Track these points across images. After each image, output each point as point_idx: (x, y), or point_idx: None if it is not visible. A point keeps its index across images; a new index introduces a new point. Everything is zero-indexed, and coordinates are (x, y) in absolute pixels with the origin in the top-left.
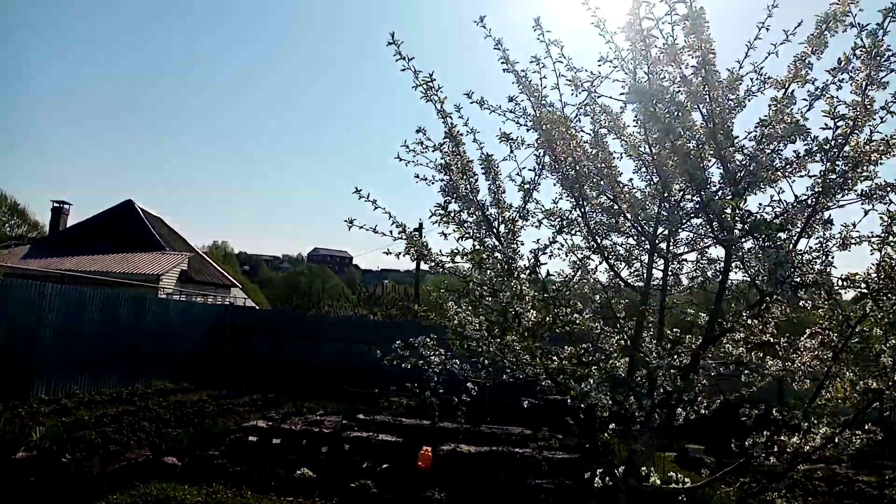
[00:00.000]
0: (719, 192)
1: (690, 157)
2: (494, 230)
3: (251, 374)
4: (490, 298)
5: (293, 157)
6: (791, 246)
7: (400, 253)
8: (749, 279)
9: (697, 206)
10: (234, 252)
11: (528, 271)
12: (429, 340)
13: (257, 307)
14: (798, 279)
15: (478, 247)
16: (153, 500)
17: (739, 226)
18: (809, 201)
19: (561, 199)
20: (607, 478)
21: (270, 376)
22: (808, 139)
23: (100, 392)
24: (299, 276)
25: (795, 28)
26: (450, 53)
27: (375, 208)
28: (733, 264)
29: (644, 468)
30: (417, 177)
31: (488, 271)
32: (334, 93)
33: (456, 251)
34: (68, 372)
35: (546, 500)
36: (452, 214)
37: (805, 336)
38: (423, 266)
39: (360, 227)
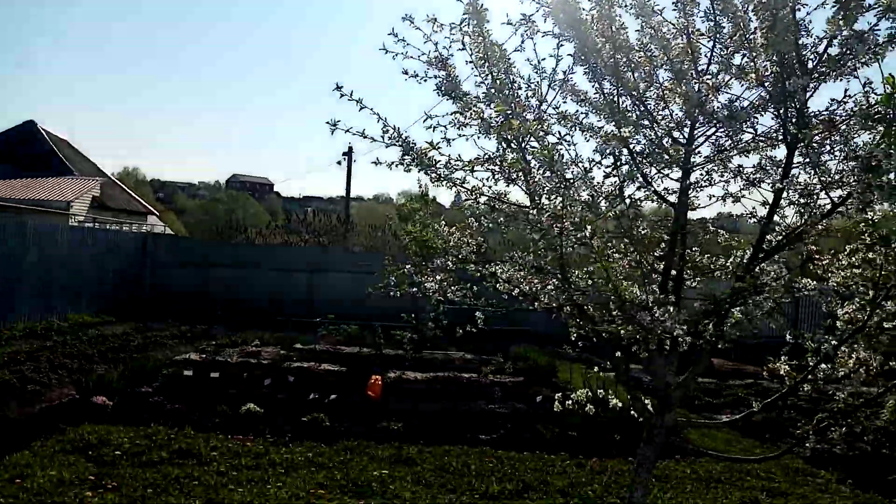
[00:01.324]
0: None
1: (789, 33)
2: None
3: (177, 305)
4: (534, 212)
5: (207, 75)
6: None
7: (394, 163)
8: (817, 182)
9: (779, 96)
10: (147, 179)
11: (589, 176)
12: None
13: (177, 235)
14: None
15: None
16: (86, 444)
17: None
18: None
19: (566, 102)
20: (641, 415)
21: (199, 307)
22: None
23: (10, 328)
24: (218, 203)
25: None
26: None
27: (361, 108)
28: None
29: (602, 391)
30: (406, 72)
31: (554, 178)
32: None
33: (478, 158)
34: None
35: (504, 426)
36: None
37: (845, 253)
38: (424, 179)
39: (346, 132)
